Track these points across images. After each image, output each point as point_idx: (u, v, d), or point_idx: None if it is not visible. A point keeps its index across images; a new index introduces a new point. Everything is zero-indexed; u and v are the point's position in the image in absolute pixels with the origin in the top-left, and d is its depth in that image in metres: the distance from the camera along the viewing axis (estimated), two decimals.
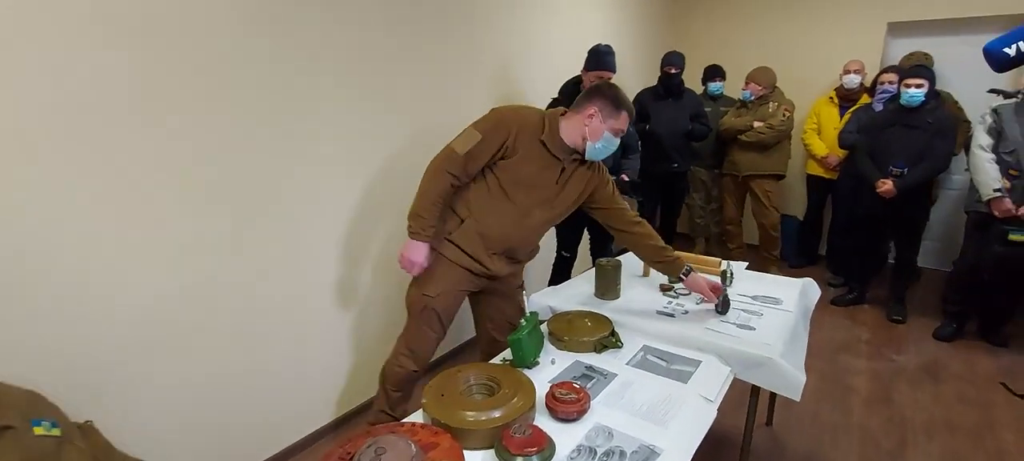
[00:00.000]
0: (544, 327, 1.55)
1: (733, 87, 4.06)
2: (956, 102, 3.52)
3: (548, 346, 1.50)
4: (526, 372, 1.32)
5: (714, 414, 1.27)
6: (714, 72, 4.02)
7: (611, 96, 1.62)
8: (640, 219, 1.78)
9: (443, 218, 1.70)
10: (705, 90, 4.05)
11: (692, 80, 3.92)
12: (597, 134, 1.61)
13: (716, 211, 4.28)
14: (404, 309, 1.82)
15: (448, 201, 1.68)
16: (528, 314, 1.40)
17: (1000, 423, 2.21)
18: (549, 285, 2.56)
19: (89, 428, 1.20)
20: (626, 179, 2.65)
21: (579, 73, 2.61)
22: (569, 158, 1.67)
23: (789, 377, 1.43)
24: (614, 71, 2.50)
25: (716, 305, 1.70)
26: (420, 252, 1.66)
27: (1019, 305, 2.89)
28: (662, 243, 1.76)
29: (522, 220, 1.68)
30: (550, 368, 1.39)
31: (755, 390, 1.57)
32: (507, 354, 1.40)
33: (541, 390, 1.23)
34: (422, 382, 1.42)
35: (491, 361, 1.42)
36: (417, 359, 1.82)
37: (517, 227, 1.69)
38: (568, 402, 1.16)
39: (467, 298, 1.89)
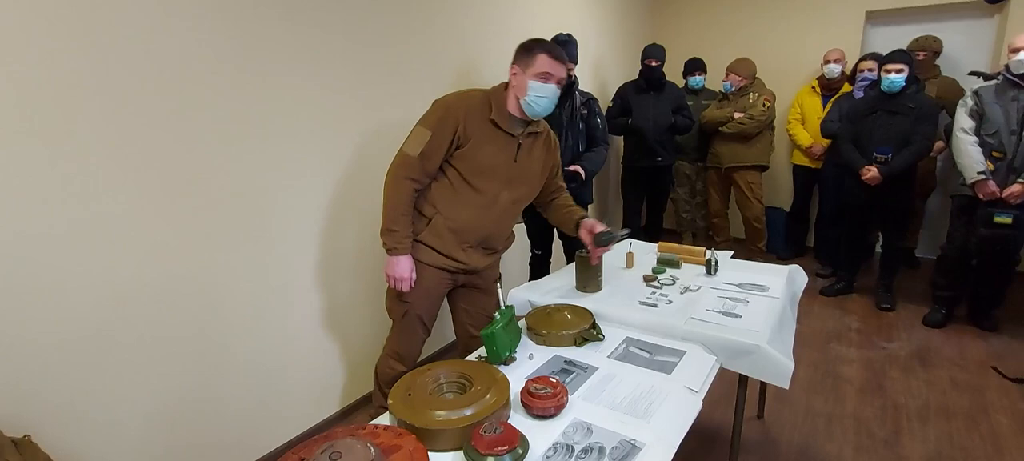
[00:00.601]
0: (522, 322, 1.48)
1: (714, 81, 4.03)
2: (962, 88, 3.48)
3: (526, 341, 1.43)
4: (501, 368, 1.25)
5: (699, 405, 1.20)
6: (695, 66, 3.99)
7: (524, 45, 1.57)
8: (561, 185, 1.84)
9: (413, 221, 1.65)
10: (686, 84, 4.02)
11: (673, 74, 3.89)
12: (523, 88, 1.55)
13: (701, 204, 4.25)
14: (384, 300, 1.80)
15: (414, 203, 1.64)
16: (503, 307, 1.33)
17: (993, 407, 2.17)
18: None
19: (27, 443, 1.11)
20: (580, 171, 2.52)
21: None
22: (523, 133, 1.63)
23: (777, 364, 1.37)
24: (573, 60, 2.49)
25: (598, 236, 1.64)
26: (404, 266, 1.62)
27: (1007, 288, 2.87)
28: (571, 202, 1.80)
29: (491, 207, 1.63)
30: (527, 363, 1.32)
31: (743, 381, 1.51)
32: (482, 351, 1.33)
33: (517, 386, 1.16)
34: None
35: (466, 358, 1.34)
36: (405, 361, 1.81)
37: (487, 215, 1.63)
38: (544, 397, 1.09)
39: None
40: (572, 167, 2.50)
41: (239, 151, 1.72)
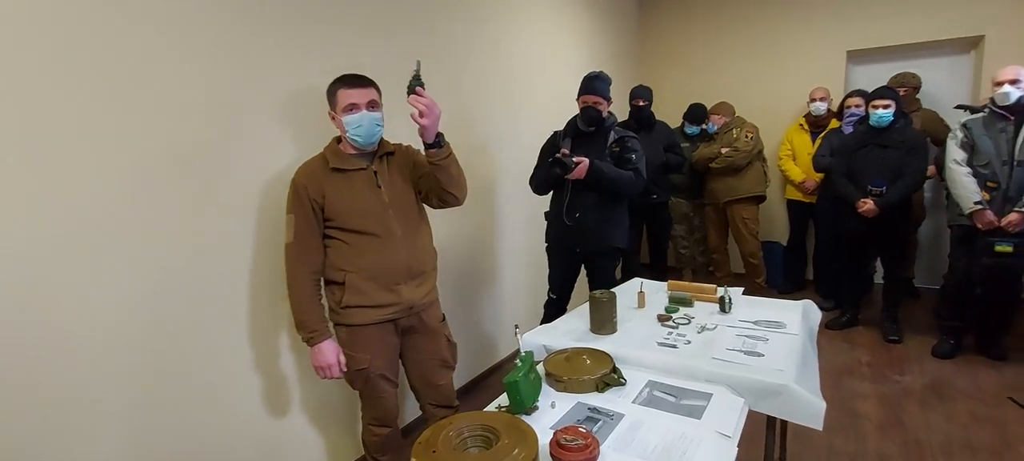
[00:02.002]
0: (540, 367, 1.42)
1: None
2: (942, 119, 3.61)
3: (545, 388, 1.37)
4: (525, 418, 1.18)
5: (734, 451, 1.14)
6: (695, 116, 4.08)
7: (327, 90, 1.60)
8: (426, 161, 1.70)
9: (331, 292, 1.64)
10: (682, 126, 4.11)
11: (661, 114, 3.95)
12: (341, 126, 1.59)
13: (700, 240, 4.28)
14: None
15: (319, 283, 1.63)
16: (523, 354, 1.28)
17: (1017, 439, 2.13)
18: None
19: None
20: (583, 162, 2.28)
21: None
22: (373, 161, 1.64)
23: (808, 404, 1.32)
24: (602, 96, 2.40)
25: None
26: (327, 352, 1.61)
27: (1013, 316, 2.86)
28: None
29: (389, 239, 1.62)
30: (550, 412, 1.25)
31: (771, 422, 1.46)
32: (502, 400, 1.26)
33: (543, 438, 1.09)
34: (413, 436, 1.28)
35: (486, 408, 1.28)
36: (385, 422, 1.76)
37: (392, 248, 1.62)
38: (575, 449, 1.02)
39: None
40: (577, 158, 2.29)
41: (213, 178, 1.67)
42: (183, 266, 1.58)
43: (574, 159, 2.26)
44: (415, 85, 1.49)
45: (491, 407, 1.28)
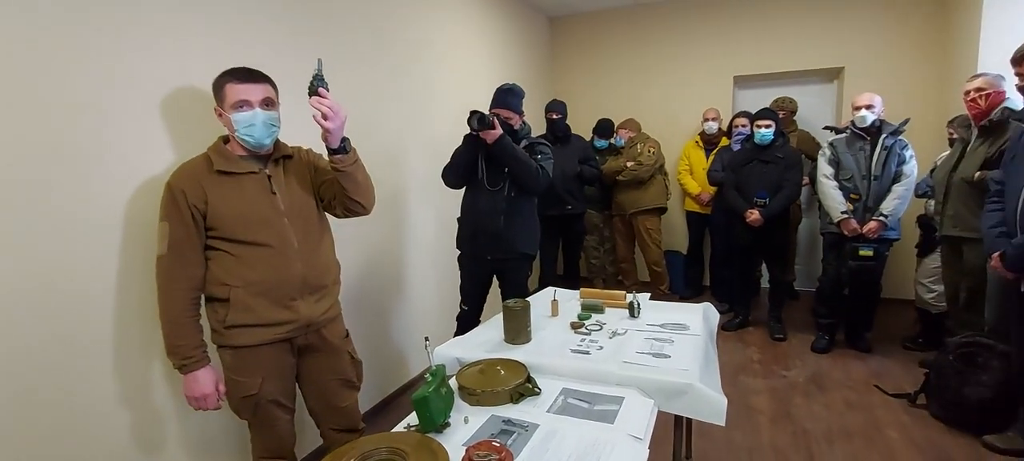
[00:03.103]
0: (453, 381, 1.35)
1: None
2: (814, 138, 4.03)
3: (459, 402, 1.31)
4: (436, 437, 1.11)
5: (646, 453, 1.15)
6: (602, 130, 4.26)
7: (213, 84, 1.46)
8: (329, 168, 1.57)
9: (212, 310, 1.46)
10: (591, 140, 4.26)
11: (577, 129, 4.08)
12: (230, 125, 1.43)
13: (610, 251, 4.43)
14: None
15: (198, 302, 1.45)
16: (434, 367, 1.21)
17: (884, 423, 2.38)
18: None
19: None
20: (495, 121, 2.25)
21: None
22: (267, 164, 1.51)
23: (712, 402, 1.37)
24: (514, 110, 2.41)
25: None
26: (204, 382, 1.43)
27: (875, 313, 3.23)
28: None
29: (284, 250, 1.47)
30: (463, 428, 1.19)
31: (678, 421, 1.50)
32: (412, 419, 1.18)
33: (456, 456, 1.03)
34: None
35: (394, 429, 1.19)
36: (280, 453, 1.60)
37: (286, 260, 1.47)
38: None
39: None
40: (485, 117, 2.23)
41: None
42: (31, 285, 1.34)
43: (490, 119, 2.21)
44: (317, 86, 1.38)
45: (399, 427, 1.19)
